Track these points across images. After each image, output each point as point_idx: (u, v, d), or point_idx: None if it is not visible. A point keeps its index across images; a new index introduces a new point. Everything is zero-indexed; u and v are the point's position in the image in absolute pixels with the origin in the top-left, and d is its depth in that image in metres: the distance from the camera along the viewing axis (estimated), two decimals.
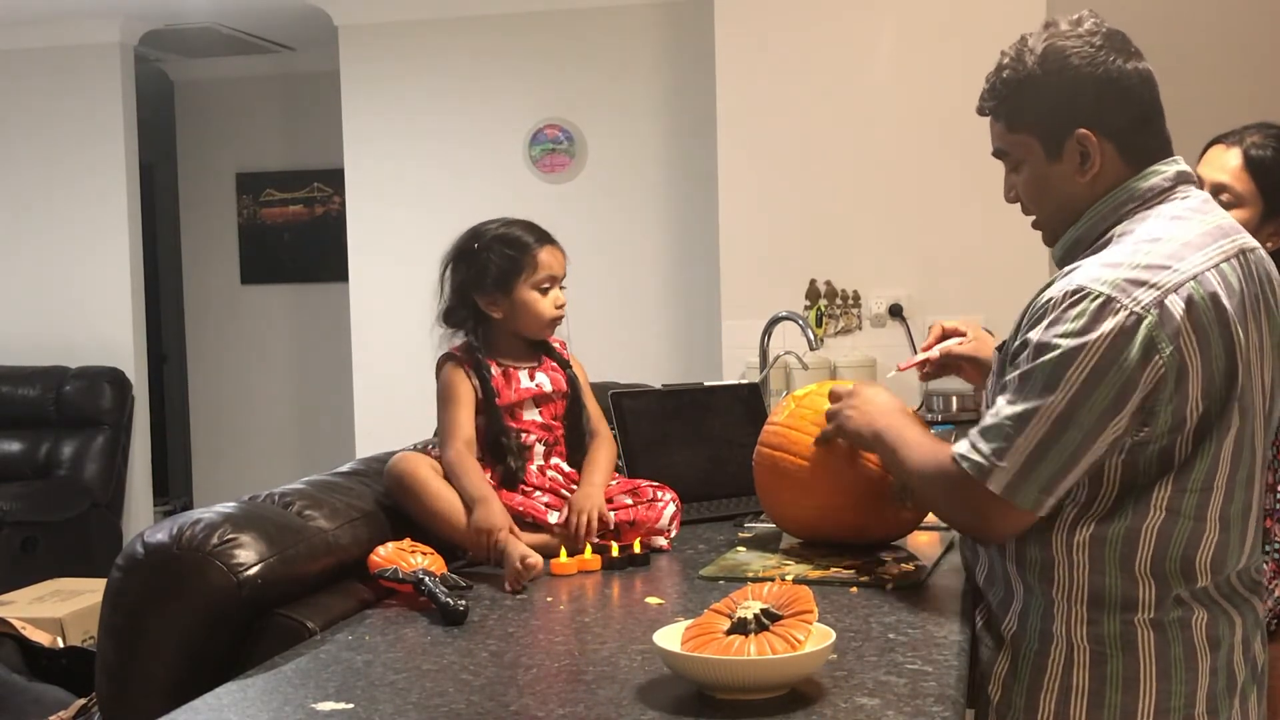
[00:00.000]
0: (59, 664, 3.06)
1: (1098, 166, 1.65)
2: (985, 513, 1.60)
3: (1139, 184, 1.65)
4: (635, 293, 5.67)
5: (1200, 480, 1.57)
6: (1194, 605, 1.60)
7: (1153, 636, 1.59)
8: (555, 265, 2.20)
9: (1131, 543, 1.58)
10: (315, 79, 6.97)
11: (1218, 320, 1.54)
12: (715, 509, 2.43)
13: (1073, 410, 1.52)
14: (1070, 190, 1.67)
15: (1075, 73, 1.63)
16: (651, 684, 1.43)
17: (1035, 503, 1.57)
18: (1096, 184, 1.66)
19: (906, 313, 4.56)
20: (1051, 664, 1.63)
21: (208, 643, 1.70)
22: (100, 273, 6.34)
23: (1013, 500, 1.57)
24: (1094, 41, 1.63)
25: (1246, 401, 1.59)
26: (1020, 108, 1.67)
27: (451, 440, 2.10)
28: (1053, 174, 1.67)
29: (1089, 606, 1.61)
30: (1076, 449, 1.54)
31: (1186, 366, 1.52)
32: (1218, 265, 1.58)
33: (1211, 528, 1.59)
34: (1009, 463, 1.56)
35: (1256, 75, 4.63)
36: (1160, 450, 1.56)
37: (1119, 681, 1.60)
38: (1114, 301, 1.52)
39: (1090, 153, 1.64)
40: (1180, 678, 1.60)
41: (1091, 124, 1.63)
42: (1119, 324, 1.51)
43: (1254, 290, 1.62)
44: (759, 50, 4.68)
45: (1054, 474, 1.55)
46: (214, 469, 7.29)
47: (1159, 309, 1.51)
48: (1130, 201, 1.65)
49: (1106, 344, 1.51)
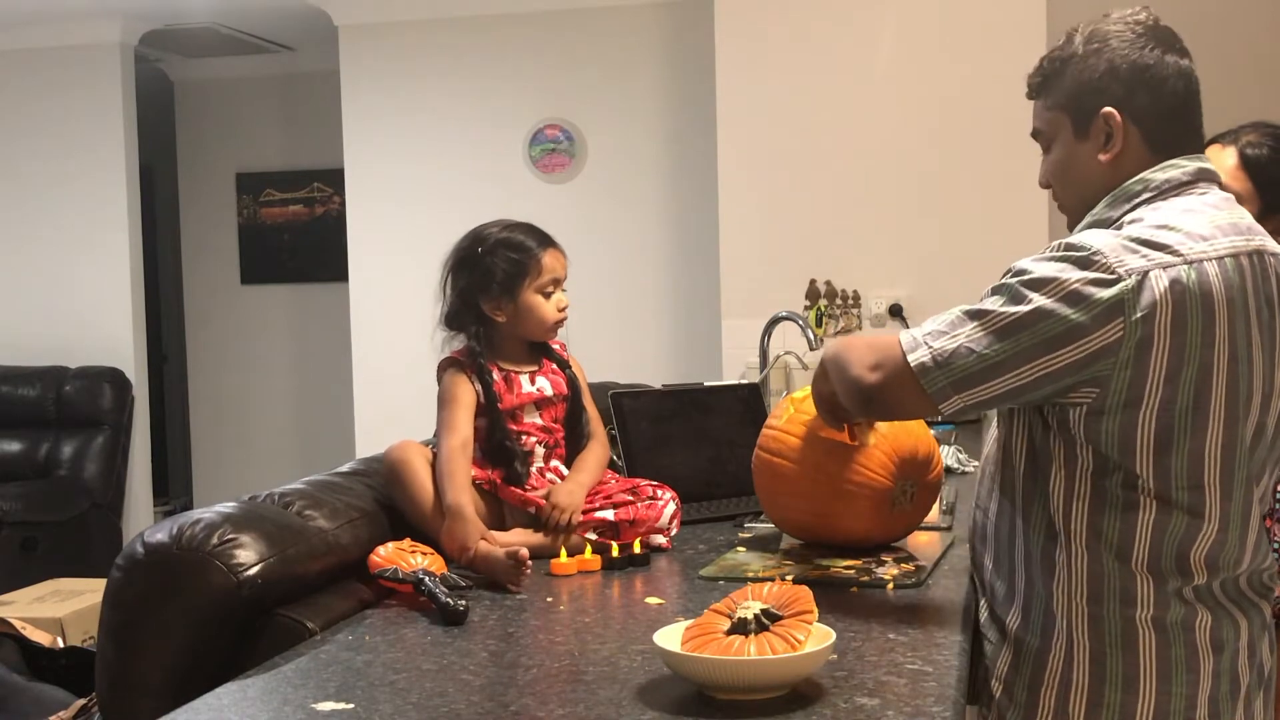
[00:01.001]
0: (59, 664, 3.06)
1: (1119, 147, 1.66)
2: (891, 381, 1.61)
3: (1156, 175, 1.65)
4: (635, 293, 5.67)
5: (1185, 474, 1.56)
6: (1198, 606, 1.60)
7: (1154, 636, 1.59)
8: (558, 268, 2.21)
9: (1128, 537, 1.58)
10: (315, 79, 6.97)
11: (1204, 311, 1.53)
12: (715, 509, 2.43)
13: (1017, 328, 1.53)
14: (1091, 171, 1.69)
15: (1112, 54, 1.66)
16: (651, 684, 1.43)
17: (940, 393, 1.57)
18: (1116, 167, 1.67)
19: (906, 313, 4.56)
20: (1052, 659, 1.63)
21: (208, 643, 1.70)
22: (100, 273, 6.34)
23: (922, 380, 1.58)
24: (1137, 30, 1.67)
25: (1237, 401, 1.57)
26: (1059, 85, 1.70)
27: (447, 438, 2.11)
28: (1078, 153, 1.70)
29: (1089, 601, 1.61)
30: (1003, 362, 1.54)
31: (1152, 341, 1.52)
32: (1223, 259, 1.57)
33: (1209, 525, 1.58)
34: (937, 345, 1.58)
35: (1256, 75, 4.63)
36: (1121, 425, 1.55)
37: (1119, 680, 1.60)
38: (1101, 257, 1.53)
39: (1114, 133, 1.66)
40: (1181, 679, 1.59)
41: (1119, 105, 1.65)
42: (1096, 277, 1.52)
43: (1267, 292, 1.60)
44: (759, 50, 4.68)
45: (970, 375, 1.56)
46: (214, 469, 7.29)
47: (1140, 278, 1.52)
48: (1145, 191, 1.65)
49: (1075, 287, 1.52)
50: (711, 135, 4.83)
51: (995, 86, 4.42)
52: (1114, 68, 1.65)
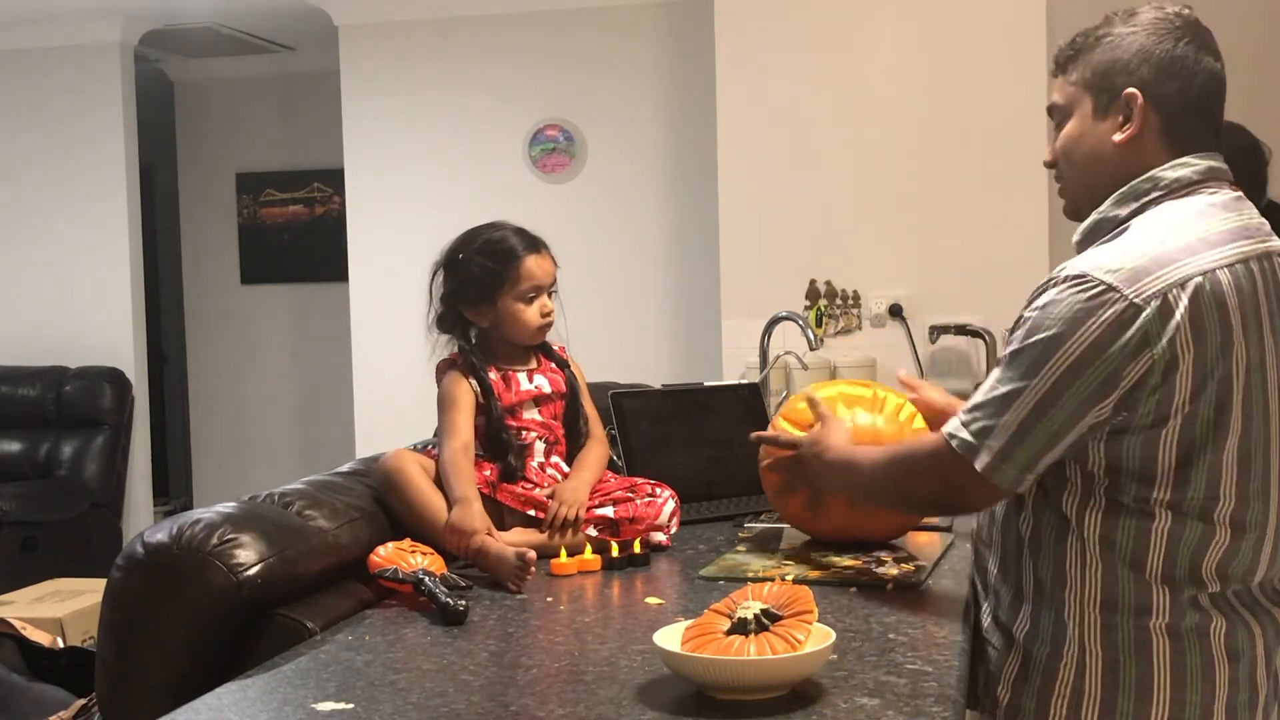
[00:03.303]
0: (59, 664, 3.06)
1: (1136, 129, 1.64)
2: (965, 487, 1.62)
3: (1167, 173, 1.63)
4: (635, 293, 5.67)
5: (1204, 484, 1.55)
6: (1212, 612, 1.59)
7: (1168, 644, 1.58)
8: (540, 274, 2.19)
9: (1141, 546, 1.57)
10: (315, 79, 6.96)
11: (1220, 322, 1.52)
12: (715, 509, 2.43)
13: (1057, 395, 1.53)
14: (1103, 150, 1.67)
15: (1148, 38, 1.64)
16: (651, 684, 1.43)
17: (1015, 481, 1.59)
18: (1129, 150, 1.65)
19: (906, 313, 4.56)
20: (1064, 668, 1.61)
21: (208, 643, 1.70)
22: (100, 273, 6.33)
23: (992, 479, 1.58)
24: (1177, 22, 1.65)
25: (1252, 408, 1.56)
26: (1088, 60, 1.68)
27: (449, 442, 2.11)
28: (1094, 131, 1.67)
29: (1102, 610, 1.59)
30: (1057, 430, 1.55)
31: (1177, 362, 1.51)
32: (1233, 265, 1.55)
33: (1221, 533, 1.57)
34: (994, 442, 1.57)
35: (1256, 75, 4.63)
36: (1144, 442, 1.55)
37: (1132, 688, 1.58)
38: (1113, 291, 1.51)
39: (1134, 115, 1.64)
40: (1196, 687, 1.58)
41: (1144, 89, 1.63)
42: (1116, 314, 1.51)
43: (1276, 294, 1.59)
44: (759, 50, 4.67)
45: (1033, 455, 1.56)
46: (214, 469, 7.29)
47: (1159, 301, 1.51)
48: (1155, 190, 1.63)
49: (1098, 332, 1.51)
50: (711, 135, 4.82)
51: (996, 86, 4.42)
52: (1147, 51, 1.63)
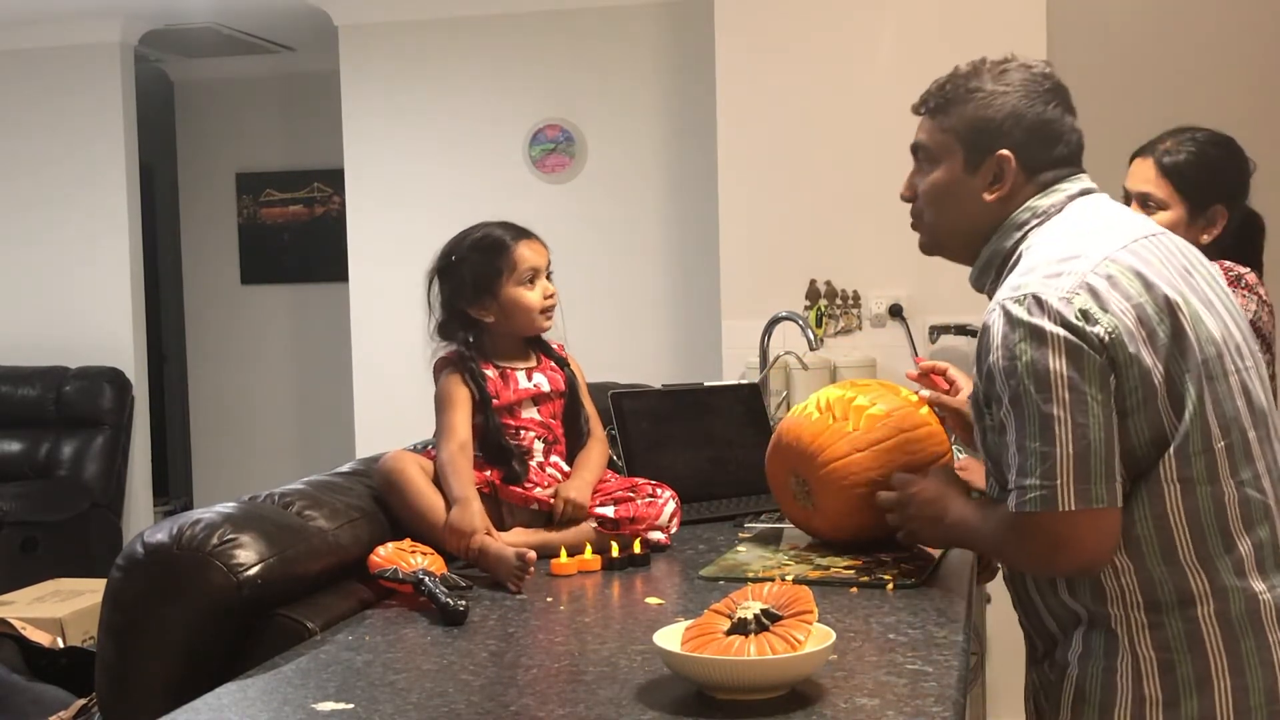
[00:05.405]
0: (59, 664, 3.06)
1: (1006, 189, 1.74)
2: (1071, 535, 1.56)
3: (1042, 201, 1.74)
4: (635, 293, 5.67)
5: (1199, 445, 1.57)
6: (1255, 587, 1.57)
7: (1219, 632, 1.57)
8: (534, 258, 2.20)
9: (1165, 533, 1.57)
10: (315, 79, 6.96)
11: (1143, 285, 1.59)
12: (715, 509, 2.43)
13: (1076, 403, 1.54)
14: (974, 207, 1.77)
15: (1019, 101, 1.73)
16: (651, 684, 1.43)
17: (1109, 495, 1.54)
18: (1001, 205, 1.75)
19: (906, 313, 4.56)
20: (1120, 679, 1.60)
21: (208, 643, 1.70)
22: (100, 273, 6.33)
23: (1090, 505, 1.54)
24: (1045, 85, 1.75)
25: (1211, 362, 1.59)
26: (961, 113, 1.76)
27: (446, 442, 2.11)
28: (964, 186, 1.77)
29: (1147, 611, 1.59)
30: (1105, 433, 1.54)
31: (1127, 329, 1.56)
32: (1128, 245, 1.64)
33: (1227, 487, 1.58)
34: (1063, 477, 1.54)
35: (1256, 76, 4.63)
36: (1148, 414, 1.56)
37: (1191, 685, 1.57)
38: (1041, 298, 1.57)
39: (1004, 175, 1.73)
40: (1256, 673, 1.57)
41: (1016, 150, 1.73)
42: (1057, 313, 1.56)
43: (1176, 261, 1.67)
44: (759, 50, 4.67)
45: (1104, 462, 1.54)
46: (214, 469, 7.29)
47: (1084, 287, 1.57)
48: (1034, 218, 1.73)
49: (1059, 335, 1.55)
50: (711, 135, 4.82)
51: None
52: (1019, 114, 1.73)
